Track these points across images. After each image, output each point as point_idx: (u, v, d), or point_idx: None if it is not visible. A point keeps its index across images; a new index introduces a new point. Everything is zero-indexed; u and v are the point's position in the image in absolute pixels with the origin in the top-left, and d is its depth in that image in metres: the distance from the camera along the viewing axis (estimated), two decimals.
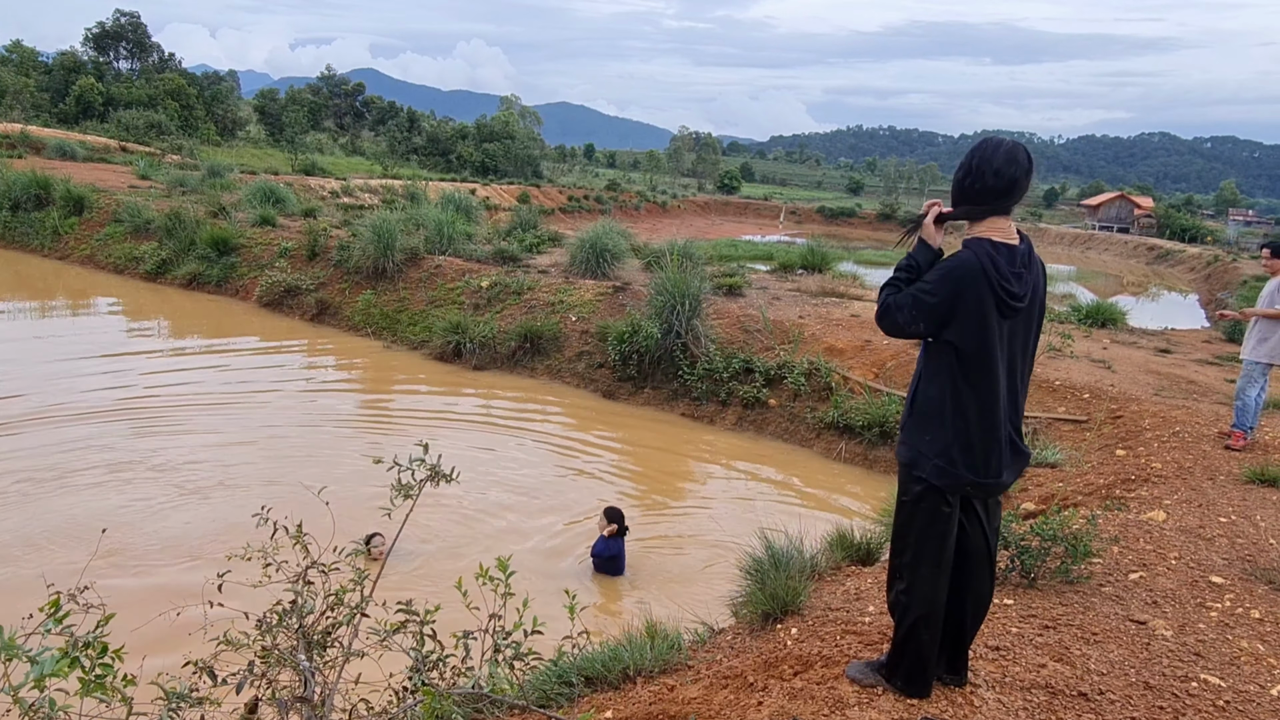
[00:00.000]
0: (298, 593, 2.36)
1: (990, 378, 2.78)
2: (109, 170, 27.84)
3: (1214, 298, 34.69)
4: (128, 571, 6.16)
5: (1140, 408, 9.00)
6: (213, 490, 7.73)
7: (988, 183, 2.79)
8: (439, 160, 68.34)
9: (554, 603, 3.01)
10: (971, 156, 2.85)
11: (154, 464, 8.24)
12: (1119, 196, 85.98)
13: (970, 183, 2.83)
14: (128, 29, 65.82)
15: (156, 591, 5.66)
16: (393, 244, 15.34)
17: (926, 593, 2.83)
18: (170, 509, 7.24)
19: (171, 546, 6.55)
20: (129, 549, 6.49)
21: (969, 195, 2.85)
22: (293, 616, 2.32)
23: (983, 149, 2.84)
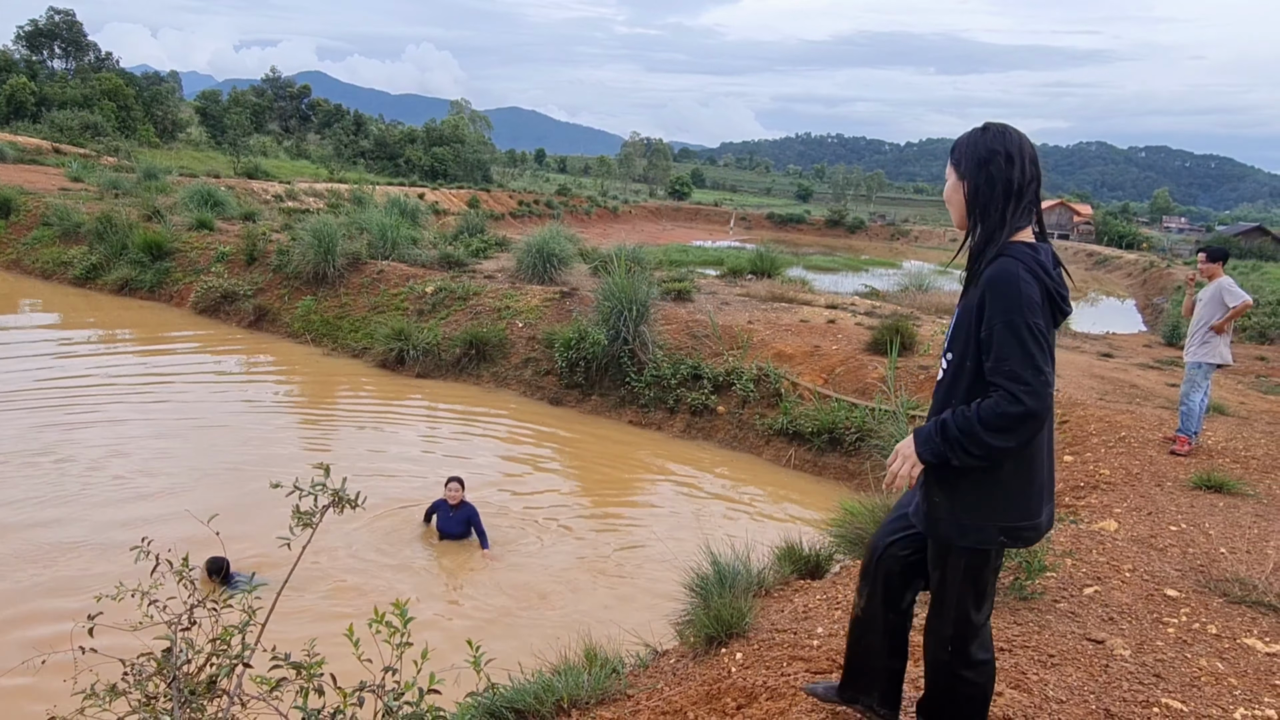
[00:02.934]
0: (173, 639, 2.09)
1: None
2: (39, 172, 26.81)
3: (1150, 302, 35.51)
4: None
5: (1086, 412, 9.01)
6: (106, 510, 7.29)
7: (1013, 177, 2.27)
8: (387, 164, 67.35)
9: (464, 627, 2.76)
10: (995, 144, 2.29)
11: (50, 489, 7.75)
12: (1059, 204, 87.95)
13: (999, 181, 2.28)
14: (62, 27, 63.88)
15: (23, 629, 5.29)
16: (334, 248, 14.90)
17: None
18: (56, 530, 6.81)
19: (48, 574, 6.11)
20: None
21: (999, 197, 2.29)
22: (166, 665, 2.04)
23: (998, 133, 2.32)
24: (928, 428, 2.28)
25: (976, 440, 2.17)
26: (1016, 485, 2.30)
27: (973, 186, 2.31)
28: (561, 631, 4.89)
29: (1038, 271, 2.23)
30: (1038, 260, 2.25)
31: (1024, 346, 2.15)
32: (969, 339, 2.27)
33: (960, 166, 2.35)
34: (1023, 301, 2.17)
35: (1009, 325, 2.16)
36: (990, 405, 2.16)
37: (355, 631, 1.95)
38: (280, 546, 2.35)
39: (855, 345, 11.38)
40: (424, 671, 1.99)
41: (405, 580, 6.47)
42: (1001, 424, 2.14)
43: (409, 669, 2.02)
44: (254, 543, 6.36)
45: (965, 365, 2.28)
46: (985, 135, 2.32)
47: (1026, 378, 2.13)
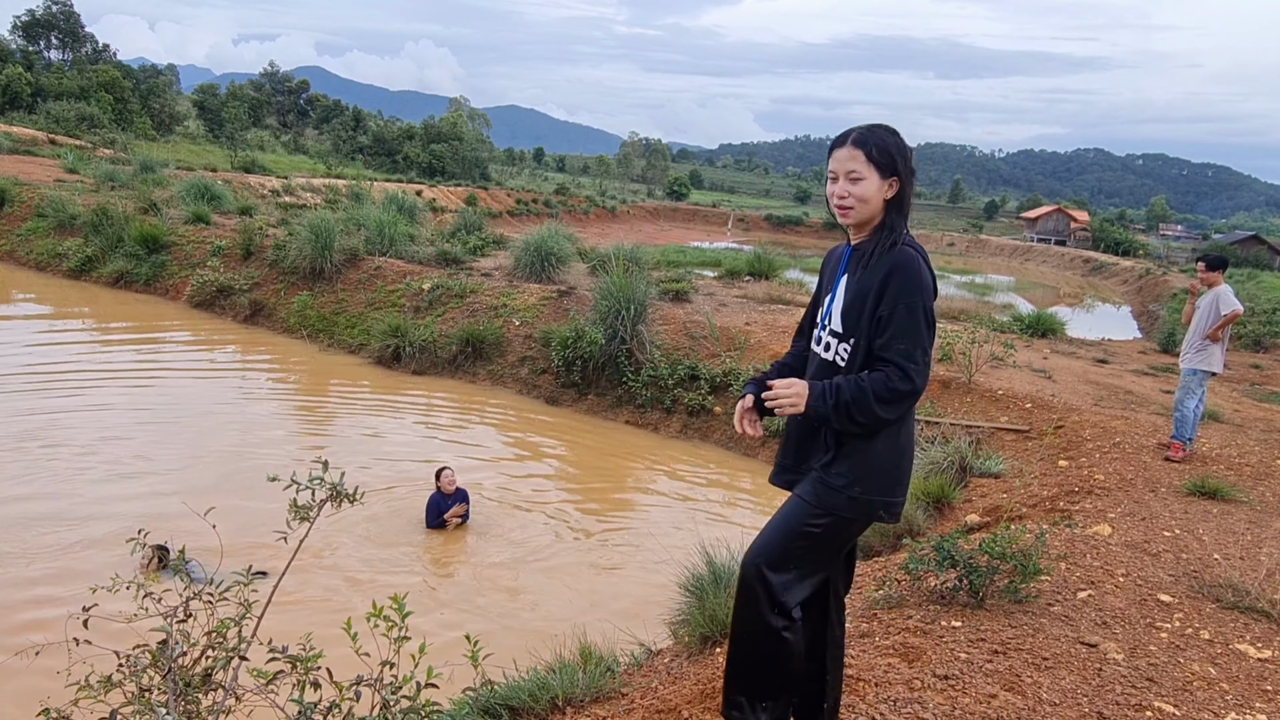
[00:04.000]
0: (168, 631, 2.08)
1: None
2: (34, 163, 26.72)
3: (1146, 309, 35.60)
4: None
5: (1081, 418, 9.03)
6: (98, 497, 7.28)
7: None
8: (385, 160, 67.26)
9: (467, 624, 2.76)
10: (907, 146, 2.48)
11: (40, 475, 7.74)
12: (1056, 210, 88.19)
13: (913, 173, 2.48)
14: (59, 18, 63.70)
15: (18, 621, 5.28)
16: (331, 244, 14.87)
17: None
18: (47, 517, 6.79)
19: (46, 564, 6.11)
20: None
21: (911, 190, 2.50)
22: (162, 658, 2.04)
23: (899, 134, 2.47)
24: (821, 386, 2.36)
25: (866, 409, 2.31)
26: (903, 464, 2.48)
27: (906, 183, 2.43)
28: (556, 629, 4.89)
29: (928, 262, 2.41)
30: (925, 254, 2.44)
31: (919, 330, 2.32)
32: (867, 321, 2.39)
33: (890, 166, 2.40)
34: (924, 287, 2.34)
35: (910, 308, 2.32)
36: (882, 379, 2.31)
37: (353, 625, 1.95)
38: (277, 540, 2.35)
39: None
40: (421, 666, 1.99)
41: (401, 573, 6.46)
42: (891, 397, 2.30)
43: (406, 663, 2.01)
44: (247, 533, 6.36)
45: (861, 345, 2.41)
46: (899, 137, 2.46)
47: (917, 357, 2.31)
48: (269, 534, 2.47)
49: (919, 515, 6.11)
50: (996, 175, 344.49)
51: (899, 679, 3.11)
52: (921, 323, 2.32)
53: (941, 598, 3.98)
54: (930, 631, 3.60)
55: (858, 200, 2.42)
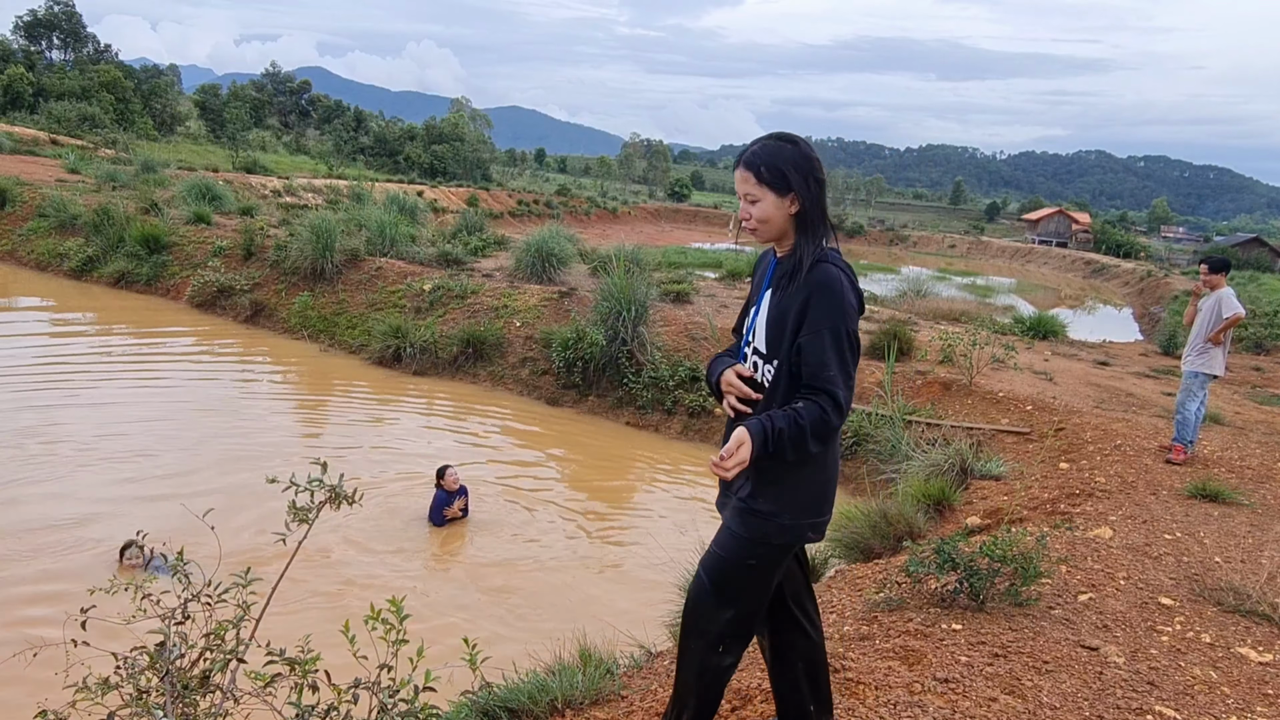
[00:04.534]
0: (165, 633, 2.07)
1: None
2: (36, 163, 26.74)
3: (1147, 311, 35.59)
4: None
5: (1082, 420, 9.02)
6: (96, 496, 7.28)
7: (825, 177, 2.38)
8: (386, 161, 67.33)
9: (466, 626, 2.75)
10: (810, 153, 2.35)
11: (44, 485, 7.74)
12: (1058, 212, 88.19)
13: (823, 185, 2.36)
14: (61, 18, 63.72)
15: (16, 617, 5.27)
16: (332, 245, 14.87)
17: None
18: (56, 520, 6.78)
19: (44, 563, 6.11)
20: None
21: (824, 200, 2.37)
22: (160, 659, 2.03)
23: (804, 143, 2.37)
24: (762, 433, 2.24)
25: (802, 446, 2.23)
26: (829, 484, 2.42)
27: (808, 198, 2.32)
28: (556, 631, 4.88)
29: (852, 279, 2.32)
30: (850, 270, 2.33)
31: (843, 356, 2.23)
32: (788, 346, 2.30)
33: (784, 183, 2.31)
34: (846, 309, 2.25)
35: (834, 332, 2.23)
36: (817, 413, 2.22)
37: (351, 628, 1.94)
38: (276, 542, 2.34)
39: None
40: (419, 669, 1.98)
41: (400, 575, 6.46)
42: (825, 431, 2.23)
43: (404, 666, 2.01)
44: (246, 534, 6.37)
45: (784, 369, 2.32)
46: (799, 147, 2.35)
47: (842, 385, 2.23)
48: (268, 535, 2.47)
49: (919, 517, 6.10)
50: (998, 177, 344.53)
51: (899, 682, 3.10)
52: (845, 347, 2.24)
53: (942, 600, 3.97)
54: (930, 634, 3.59)
55: (759, 221, 2.36)
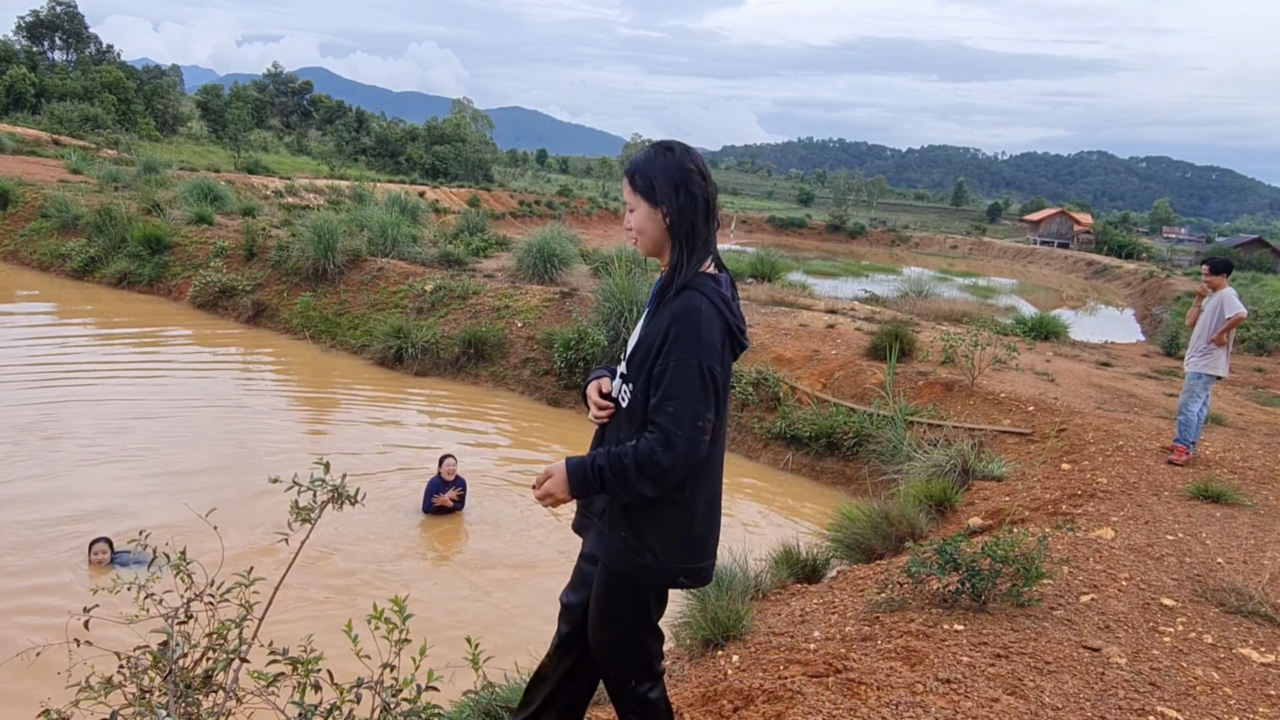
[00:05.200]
0: (169, 632, 2.08)
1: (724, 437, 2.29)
2: (38, 163, 26.77)
3: (1149, 312, 35.56)
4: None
5: (1084, 421, 9.01)
6: (108, 499, 7.29)
7: (709, 192, 2.19)
8: (388, 161, 67.34)
9: (466, 626, 2.76)
10: (687, 164, 2.18)
11: (44, 480, 7.75)
12: (1059, 213, 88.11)
13: (700, 199, 2.17)
14: (63, 19, 63.77)
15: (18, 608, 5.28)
16: (334, 245, 14.89)
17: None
18: (56, 520, 6.79)
19: (45, 563, 6.12)
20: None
21: (700, 216, 2.18)
22: (162, 659, 2.03)
23: (683, 152, 2.21)
24: (583, 470, 2.20)
25: (629, 488, 2.11)
26: (704, 527, 2.24)
27: (674, 210, 2.16)
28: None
29: (721, 308, 2.14)
30: (721, 295, 2.17)
31: (692, 391, 2.07)
32: (646, 373, 2.16)
33: (653, 192, 2.18)
34: (702, 343, 2.08)
35: (684, 365, 2.07)
36: (646, 451, 2.08)
37: (353, 627, 1.95)
38: (278, 541, 2.34)
39: (854, 350, 11.38)
40: (422, 668, 1.99)
41: (402, 573, 6.46)
42: (655, 473, 2.08)
43: (406, 665, 2.01)
44: (248, 533, 6.37)
45: (639, 396, 2.20)
46: (674, 155, 2.20)
47: (685, 424, 2.06)
48: (270, 534, 2.47)
49: (921, 518, 6.10)
50: (999, 178, 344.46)
51: (901, 682, 3.10)
52: (696, 383, 2.06)
53: (944, 601, 3.97)
54: (932, 635, 3.59)
55: (637, 231, 2.24)
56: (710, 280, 2.17)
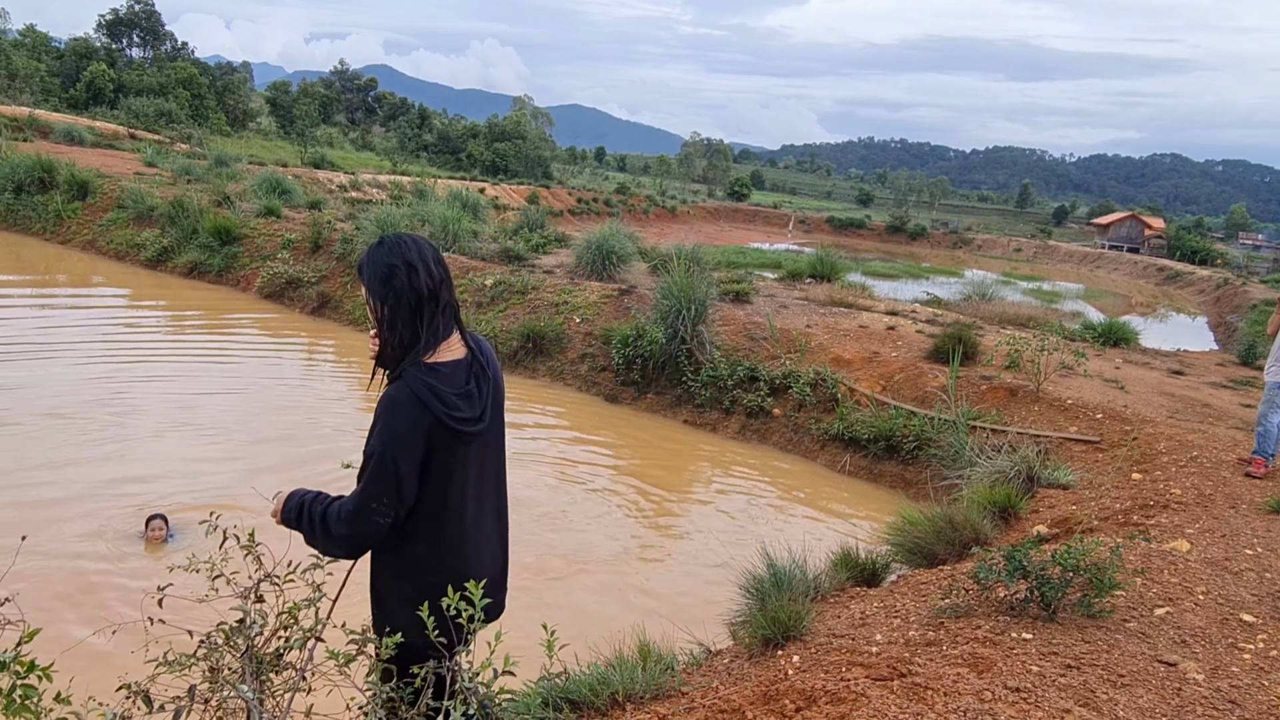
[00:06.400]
0: (245, 610, 2.12)
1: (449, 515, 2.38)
2: (116, 156, 27.66)
3: (1223, 320, 34.39)
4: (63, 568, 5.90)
5: (1155, 430, 8.74)
6: (176, 476, 7.50)
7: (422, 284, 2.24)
8: (449, 158, 68.22)
9: (529, 618, 2.76)
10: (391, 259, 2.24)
11: (112, 456, 8.00)
12: (1130, 216, 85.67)
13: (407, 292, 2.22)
14: (141, 16, 65.82)
15: (95, 601, 5.44)
16: None
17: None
18: (124, 498, 6.99)
19: (118, 545, 6.31)
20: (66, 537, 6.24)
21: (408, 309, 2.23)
22: (239, 636, 2.08)
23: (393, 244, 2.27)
24: (297, 502, 2.32)
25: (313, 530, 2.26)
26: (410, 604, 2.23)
27: (381, 304, 2.24)
28: (613, 625, 4.88)
29: (430, 401, 2.18)
30: (433, 388, 2.19)
31: (372, 480, 2.17)
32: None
33: (369, 285, 2.27)
34: (393, 436, 2.17)
35: (372, 453, 2.18)
36: (335, 510, 2.24)
37: (428, 609, 1.96)
38: None
39: (915, 353, 11.20)
40: (498, 652, 2.00)
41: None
42: (334, 528, 2.23)
43: (481, 649, 2.02)
44: None
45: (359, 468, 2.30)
46: (382, 249, 2.27)
47: (361, 506, 2.19)
48: None
49: (985, 524, 5.97)
50: (1067, 180, 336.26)
51: (968, 689, 3.03)
52: (378, 474, 2.17)
53: (1011, 609, 3.88)
54: (1000, 643, 3.51)
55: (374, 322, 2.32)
56: (426, 371, 2.22)
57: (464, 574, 2.27)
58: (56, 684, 1.91)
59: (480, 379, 2.33)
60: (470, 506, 2.35)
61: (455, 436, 2.24)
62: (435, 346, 2.25)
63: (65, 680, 1.96)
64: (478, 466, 2.37)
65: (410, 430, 2.17)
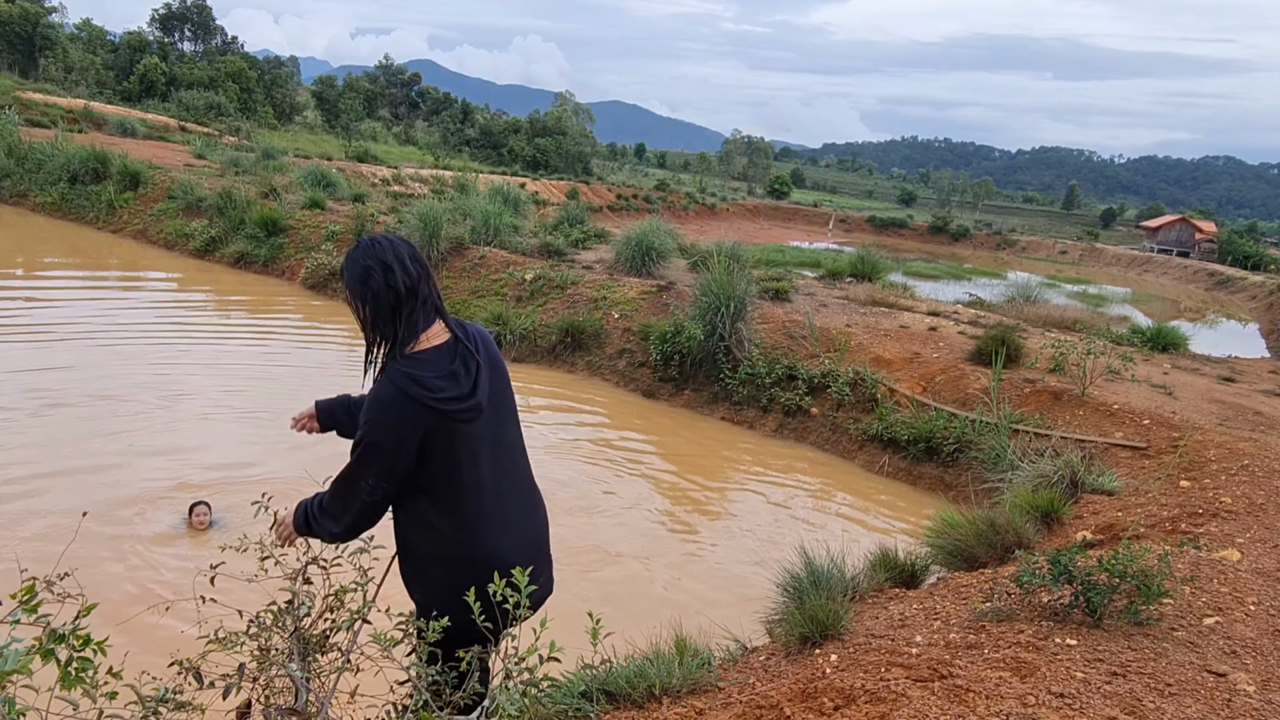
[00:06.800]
0: (294, 591, 2.16)
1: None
2: (167, 148, 28.24)
3: (1276, 327, 33.53)
4: (118, 543, 6.03)
5: (1205, 437, 8.54)
6: (223, 457, 7.63)
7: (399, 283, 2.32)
8: (490, 153, 68.67)
9: (561, 607, 2.77)
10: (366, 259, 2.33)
11: (161, 439, 8.16)
12: (1180, 219, 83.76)
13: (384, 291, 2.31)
14: (193, 11, 67.10)
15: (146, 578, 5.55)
16: (439, 233, 15.25)
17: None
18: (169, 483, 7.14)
19: (168, 528, 6.44)
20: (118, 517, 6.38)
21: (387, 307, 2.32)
22: (287, 616, 2.12)
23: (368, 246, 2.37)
24: (303, 507, 2.45)
25: (318, 520, 2.38)
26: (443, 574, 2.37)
27: (361, 304, 2.34)
28: (648, 619, 4.88)
29: (409, 388, 2.27)
30: (412, 376, 2.28)
31: (357, 462, 2.30)
32: None
33: (349, 288, 2.37)
34: (373, 426, 2.28)
35: (359, 439, 2.30)
36: (327, 494, 2.40)
37: (474, 595, 1.98)
38: None
39: (957, 354, 11.07)
40: (544, 638, 2.01)
41: None
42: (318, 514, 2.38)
43: (526, 635, 2.04)
44: None
45: None
46: (358, 252, 2.36)
47: (340, 489, 2.34)
48: None
49: (1027, 528, 5.89)
50: (1115, 182, 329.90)
51: (1011, 693, 2.99)
52: (362, 456, 2.29)
53: (1055, 614, 3.82)
54: (1043, 648, 3.46)
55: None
56: (406, 362, 2.32)
57: (494, 552, 2.40)
58: (110, 658, 1.96)
59: (467, 359, 2.41)
60: (487, 484, 2.42)
61: (444, 417, 2.31)
62: (415, 339, 2.34)
63: (117, 656, 2.00)
64: (488, 444, 2.45)
65: (395, 420, 2.27)
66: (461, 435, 2.35)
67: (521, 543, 2.53)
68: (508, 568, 2.30)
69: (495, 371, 2.52)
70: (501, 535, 2.45)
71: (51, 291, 14.35)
